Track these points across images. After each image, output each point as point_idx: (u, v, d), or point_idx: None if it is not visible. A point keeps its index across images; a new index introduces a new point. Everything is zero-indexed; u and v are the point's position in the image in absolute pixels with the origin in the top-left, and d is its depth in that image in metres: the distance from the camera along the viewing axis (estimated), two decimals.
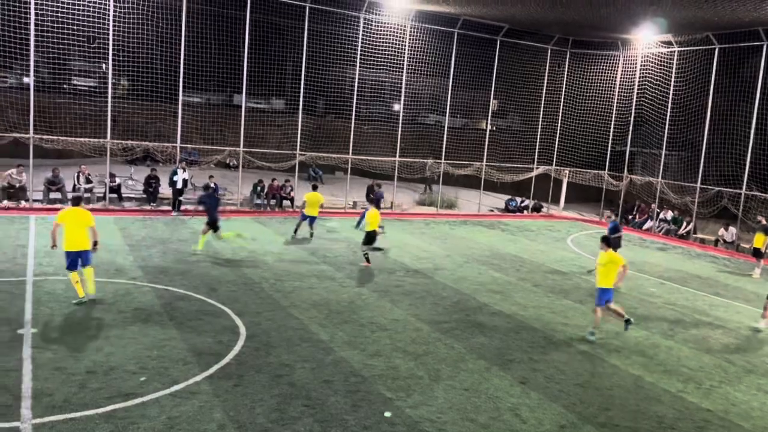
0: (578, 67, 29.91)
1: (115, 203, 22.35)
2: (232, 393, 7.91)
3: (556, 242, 22.66)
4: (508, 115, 33.82)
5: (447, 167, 28.11)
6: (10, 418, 6.81)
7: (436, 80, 28.09)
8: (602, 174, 29.44)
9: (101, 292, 11.65)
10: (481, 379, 9.11)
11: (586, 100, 29.45)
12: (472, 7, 24.44)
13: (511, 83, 29.14)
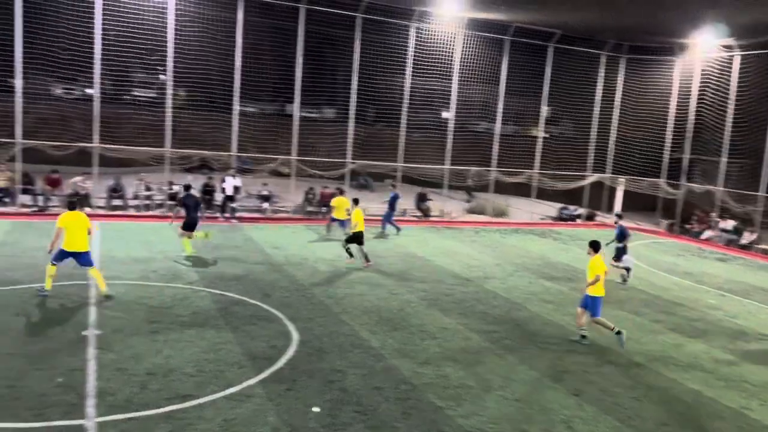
0: (634, 72, 29.25)
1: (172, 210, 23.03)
2: (285, 397, 8.05)
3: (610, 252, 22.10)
4: (560, 122, 33.31)
5: (498, 175, 27.88)
6: (76, 416, 7.12)
7: (486, 87, 27.95)
8: (659, 182, 28.63)
9: (161, 296, 12.06)
10: (532, 390, 8.99)
11: (642, 106, 28.75)
12: (525, 14, 24.27)
13: (563, 90, 28.74)
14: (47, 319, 10.27)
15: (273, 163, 25.34)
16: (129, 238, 17.55)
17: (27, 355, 8.71)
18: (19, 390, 7.63)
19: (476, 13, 25.04)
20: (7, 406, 7.21)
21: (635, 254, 21.93)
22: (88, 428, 6.88)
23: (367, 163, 26.38)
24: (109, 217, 21.03)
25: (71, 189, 21.83)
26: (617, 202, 31.33)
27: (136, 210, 22.59)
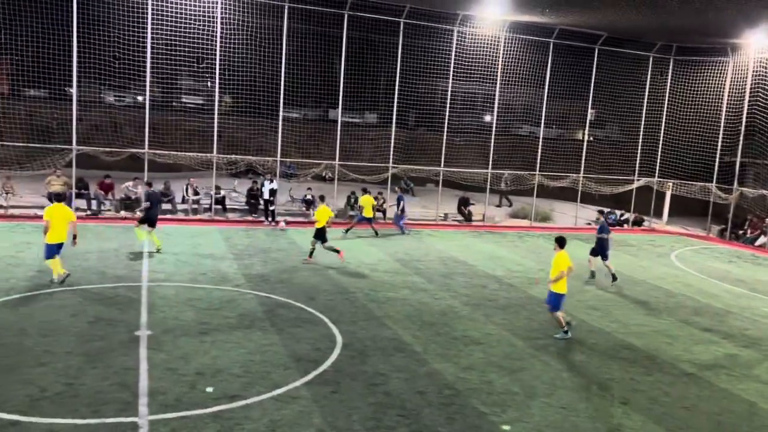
0: (683, 74, 28.49)
1: (219, 214, 23.56)
2: (330, 399, 8.15)
3: (659, 258, 21.64)
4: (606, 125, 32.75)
5: (542, 179, 27.57)
6: (129, 414, 7.37)
7: (530, 90, 27.68)
8: (709, 186, 27.80)
9: (209, 298, 12.37)
10: (579, 397, 8.87)
11: (692, 108, 27.98)
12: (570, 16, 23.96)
13: (609, 92, 28.20)
14: (101, 320, 10.63)
15: (316, 168, 25.64)
16: (178, 242, 18.02)
17: (84, 354, 9.05)
18: (77, 387, 7.94)
19: (519, 17, 24.85)
20: (67, 402, 7.51)
21: (683, 259, 21.40)
22: (141, 426, 7.11)
23: (409, 167, 26.44)
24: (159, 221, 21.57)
25: (122, 194, 22.55)
26: (665, 206, 30.62)
27: (184, 214, 23.15)
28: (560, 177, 28.10)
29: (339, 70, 24.21)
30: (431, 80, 26.10)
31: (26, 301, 11.40)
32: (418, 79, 25.64)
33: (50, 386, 7.92)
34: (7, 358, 8.74)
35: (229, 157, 24.08)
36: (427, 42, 25.23)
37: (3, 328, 9.89)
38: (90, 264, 14.57)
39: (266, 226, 22.20)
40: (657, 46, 27.96)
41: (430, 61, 25.26)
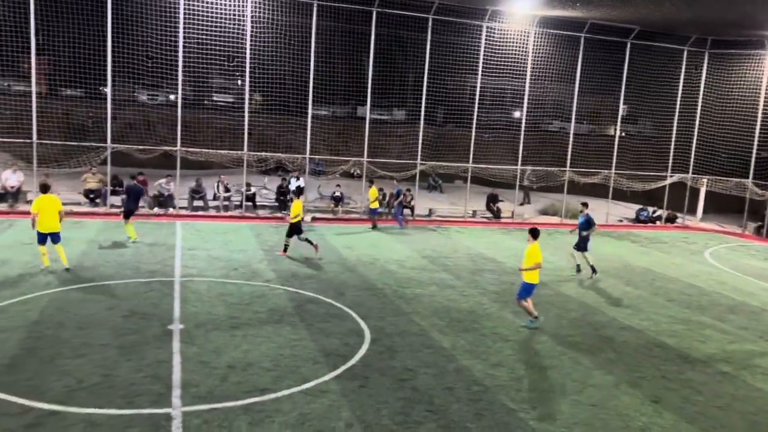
0: (718, 67, 27.87)
1: (250, 210, 23.84)
2: (359, 394, 8.22)
3: (693, 255, 21.24)
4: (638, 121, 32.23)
5: (572, 175, 27.26)
6: (163, 405, 7.54)
7: (560, 86, 27.38)
8: (745, 182, 27.17)
9: (240, 293, 12.55)
10: (609, 395, 8.79)
11: (727, 102, 27.36)
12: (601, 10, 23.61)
13: (642, 87, 27.76)
14: (136, 314, 10.87)
15: (344, 165, 25.76)
16: (209, 238, 18.30)
17: (119, 347, 9.28)
18: (113, 379, 8.15)
19: (550, 11, 24.59)
20: (103, 393, 7.72)
21: (718, 257, 20.97)
22: (174, 417, 7.27)
23: (437, 164, 26.39)
24: (190, 217, 21.98)
25: (156, 191, 22.96)
26: (700, 203, 30.02)
27: (216, 210, 23.49)
28: (591, 173, 27.75)
29: (367, 67, 24.27)
30: (460, 76, 26.00)
31: (63, 295, 11.72)
32: (447, 76, 25.56)
33: (87, 377, 8.14)
34: (46, 349, 9.00)
35: (259, 155, 24.35)
36: (455, 38, 25.13)
37: (41, 321, 10.18)
38: (125, 259, 14.90)
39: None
40: (691, 39, 27.39)
41: (459, 57, 25.16)
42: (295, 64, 23.55)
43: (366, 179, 24.52)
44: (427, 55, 24.50)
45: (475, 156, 26.04)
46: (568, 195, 28.06)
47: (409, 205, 25.49)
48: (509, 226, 25.23)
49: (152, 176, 23.48)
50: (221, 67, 23.57)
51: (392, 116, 32.41)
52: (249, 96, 23.46)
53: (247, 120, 23.21)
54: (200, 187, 23.54)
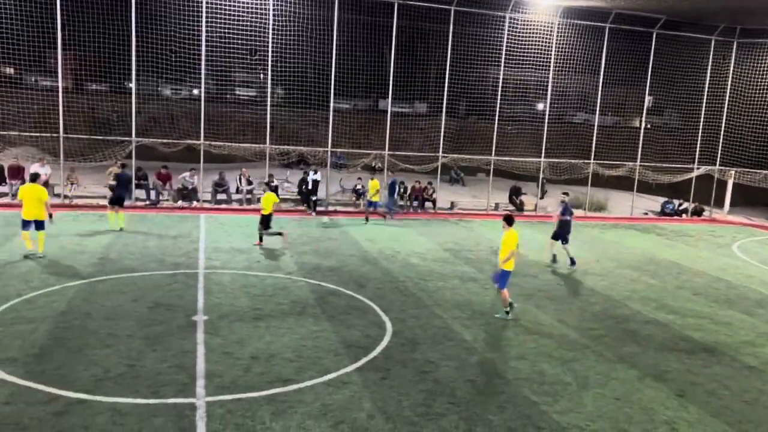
0: (747, 57, 27.29)
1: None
2: (380, 385, 8.24)
3: (720, 248, 20.88)
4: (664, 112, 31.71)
5: (596, 168, 26.94)
6: (187, 395, 7.63)
7: (584, 77, 27.04)
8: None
9: (263, 285, 12.65)
10: (633, 389, 8.69)
11: (757, 92, 26.78)
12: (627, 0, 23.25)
13: (668, 78, 27.29)
14: (161, 305, 11.02)
15: (366, 158, 25.77)
16: (232, 230, 18.46)
17: (144, 337, 9.41)
18: (139, 369, 8.27)
19: (574, 2, 24.26)
20: (129, 383, 7.84)
21: (746, 250, 20.59)
22: (199, 407, 7.35)
23: (459, 157, 26.27)
24: (213, 210, 22.19)
25: (179, 184, 23.21)
26: (727, 195, 29.48)
27: (238, 203, 23.67)
28: (616, 165, 27.41)
29: (389, 60, 24.21)
30: (482, 68, 25.80)
31: (90, 287, 11.92)
32: (469, 68, 25.39)
33: (113, 367, 8.27)
34: (73, 340, 9.17)
35: (281, 148, 24.48)
36: (478, 29, 24.94)
37: (69, 312, 10.37)
38: (149, 252, 15.10)
39: (309, 215, 22.42)
40: (719, 28, 26.84)
41: (482, 49, 24.97)
42: (316, 58, 23.60)
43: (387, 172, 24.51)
44: (449, 47, 24.36)
45: (497, 148, 25.87)
46: (592, 188, 27.76)
47: (430, 198, 25.44)
48: (532, 219, 25.05)
49: (176, 170, 23.74)
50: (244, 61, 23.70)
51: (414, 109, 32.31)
52: (271, 90, 23.56)
53: (269, 114, 23.32)
54: (223, 180, 23.73)
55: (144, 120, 24.65)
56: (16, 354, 8.53)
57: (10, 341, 8.96)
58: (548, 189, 29.28)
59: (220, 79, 25.10)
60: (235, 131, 24.71)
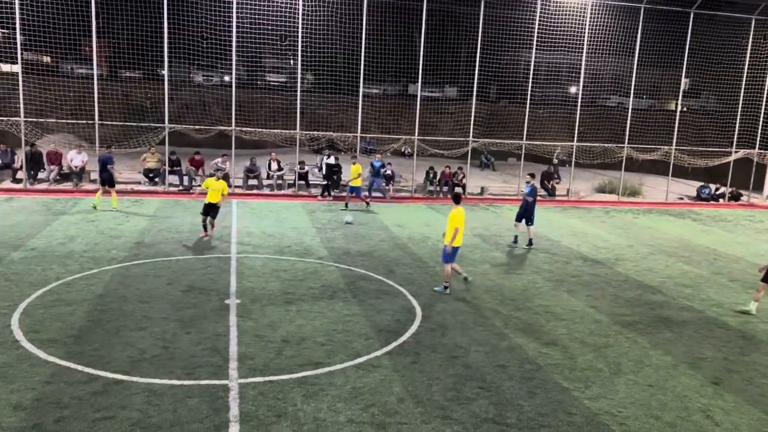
0: None
1: (303, 189, 24.12)
2: (410, 369, 8.27)
3: (758, 234, 20.36)
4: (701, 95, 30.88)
5: (630, 152, 26.44)
6: (221, 377, 7.77)
7: (619, 59, 26.46)
8: None
9: (294, 269, 12.77)
10: (667, 376, 8.57)
11: None
12: None
13: (705, 59, 26.52)
14: (194, 288, 11.21)
15: (395, 144, 25.71)
16: (264, 216, 18.65)
17: (179, 320, 9.60)
18: (173, 351, 8.45)
19: None
20: (164, 364, 8.02)
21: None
22: (232, 388, 7.48)
23: (490, 141, 26.02)
24: (245, 196, 22.42)
25: (212, 170, 23.48)
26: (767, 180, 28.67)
27: (269, 189, 23.88)
28: (651, 149, 26.85)
29: (419, 44, 24.02)
30: (514, 51, 25.44)
31: (126, 270, 12.19)
32: (500, 51, 25.05)
33: (149, 349, 8.47)
34: (111, 322, 9.40)
35: (311, 134, 24.56)
36: (509, 12, 24.56)
37: (106, 295, 10.63)
38: (183, 236, 15.35)
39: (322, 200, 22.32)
40: (760, 7, 25.93)
41: (513, 32, 24.59)
42: (346, 43, 23.54)
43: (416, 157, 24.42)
44: (480, 31, 24.05)
45: (529, 132, 25.54)
46: (626, 172, 27.26)
47: (460, 183, 25.29)
48: (564, 204, 24.74)
49: (208, 156, 24.02)
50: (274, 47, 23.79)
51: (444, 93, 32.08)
52: (301, 75, 23.61)
53: (299, 99, 23.39)
54: (254, 166, 23.94)
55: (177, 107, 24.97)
56: (56, 335, 8.78)
57: (51, 323, 9.23)
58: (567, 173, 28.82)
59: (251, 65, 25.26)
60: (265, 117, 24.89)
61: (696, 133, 27.18)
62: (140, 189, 22.26)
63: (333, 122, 26.78)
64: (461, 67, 27.28)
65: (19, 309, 9.75)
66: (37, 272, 11.72)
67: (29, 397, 7.01)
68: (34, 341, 8.53)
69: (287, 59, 25.45)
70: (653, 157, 27.06)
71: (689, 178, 30.43)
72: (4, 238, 14.14)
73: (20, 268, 11.89)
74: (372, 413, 7.05)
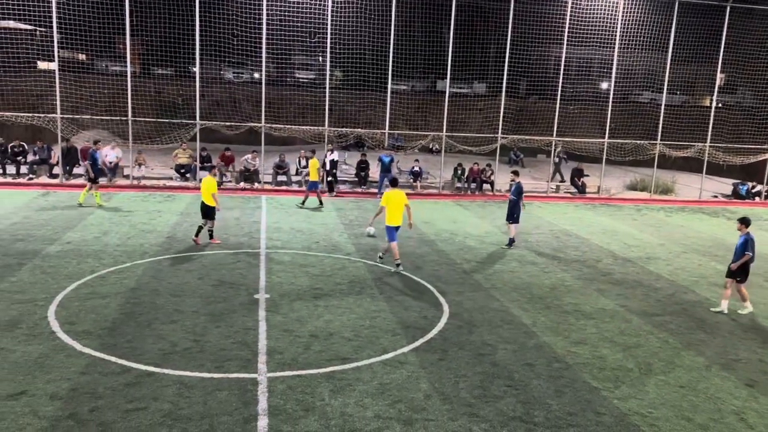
0: None
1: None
2: (437, 366, 8.27)
3: None
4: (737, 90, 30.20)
5: (663, 149, 25.96)
6: (250, 370, 7.88)
7: (651, 55, 25.98)
8: None
9: (322, 265, 12.86)
10: (699, 377, 8.42)
11: None
12: None
13: (742, 54, 25.87)
14: (224, 283, 11.37)
15: (423, 140, 25.66)
16: (292, 212, 18.79)
17: (209, 314, 9.75)
18: (203, 344, 8.58)
19: None
20: (195, 357, 8.15)
21: None
22: (261, 382, 7.58)
23: (519, 137, 25.80)
24: (274, 192, 22.62)
25: (242, 166, 23.75)
26: None
27: (298, 185, 24.04)
28: (684, 146, 26.33)
29: (448, 40, 23.91)
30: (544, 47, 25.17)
31: (158, 264, 12.41)
32: (530, 46, 24.80)
33: (180, 342, 8.62)
34: (143, 315, 9.59)
35: (339, 130, 24.65)
36: (539, 7, 24.30)
37: (138, 288, 10.84)
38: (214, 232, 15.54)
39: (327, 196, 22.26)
40: None
41: (543, 27, 24.31)
42: (375, 39, 23.56)
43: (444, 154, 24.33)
44: (510, 26, 23.83)
45: (559, 129, 25.26)
46: (659, 169, 26.79)
47: (489, 180, 25.14)
48: (595, 202, 24.42)
49: (238, 152, 24.29)
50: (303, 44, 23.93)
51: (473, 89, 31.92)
52: (330, 72, 23.71)
53: (327, 96, 23.49)
54: (284, 162, 24.13)
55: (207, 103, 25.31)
56: (91, 327, 9.00)
57: (86, 315, 9.45)
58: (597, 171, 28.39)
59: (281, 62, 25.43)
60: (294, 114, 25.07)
61: (731, 129, 26.57)
62: (172, 184, 22.61)
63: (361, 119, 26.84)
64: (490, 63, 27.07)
65: (56, 301, 10.01)
66: (73, 265, 12.00)
67: (65, 387, 7.19)
68: (70, 333, 8.75)
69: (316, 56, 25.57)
70: (686, 154, 26.54)
71: (724, 176, 29.76)
72: (41, 232, 14.52)
73: (56, 262, 12.20)
74: (399, 409, 7.08)
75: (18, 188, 20.64)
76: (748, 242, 11.00)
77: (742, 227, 11.16)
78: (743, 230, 11.11)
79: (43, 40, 22.55)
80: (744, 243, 11.01)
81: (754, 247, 11.08)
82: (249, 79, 29.78)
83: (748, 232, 11.07)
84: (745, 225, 11.13)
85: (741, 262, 11.02)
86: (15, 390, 7.07)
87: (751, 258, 11.04)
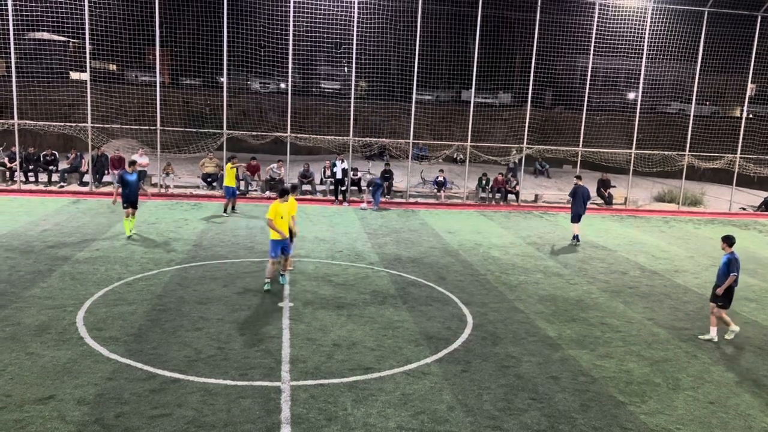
0: None
1: (355, 195, 24.31)
2: (461, 378, 8.21)
3: None
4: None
5: (692, 160, 25.56)
6: (273, 378, 7.91)
7: (680, 65, 25.65)
8: None
9: (345, 274, 12.88)
10: (729, 393, 8.23)
11: None
12: None
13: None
14: (249, 291, 11.45)
15: (447, 150, 25.62)
16: (316, 221, 18.88)
17: (233, 322, 9.83)
18: (227, 352, 8.65)
19: None
20: (219, 364, 8.21)
21: None
22: (284, 390, 7.60)
23: (544, 148, 25.62)
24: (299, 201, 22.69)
25: (267, 175, 23.96)
26: None
27: (322, 194, 24.17)
28: (713, 158, 25.89)
29: (473, 50, 23.90)
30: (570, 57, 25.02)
31: (185, 272, 12.55)
32: (556, 56, 24.68)
33: (204, 349, 8.69)
34: (169, 322, 9.70)
35: (364, 140, 24.75)
36: (566, 17, 24.19)
37: (165, 295, 10.97)
38: (239, 240, 15.70)
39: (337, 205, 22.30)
40: None
41: (569, 37, 24.18)
42: (400, 50, 23.66)
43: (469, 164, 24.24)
44: (536, 36, 23.75)
45: (585, 139, 25.03)
46: (687, 181, 26.37)
47: (513, 190, 24.99)
48: (621, 213, 24.12)
49: (264, 161, 24.51)
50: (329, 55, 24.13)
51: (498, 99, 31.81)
52: (355, 82, 23.84)
53: (353, 106, 23.61)
54: (308, 171, 24.29)
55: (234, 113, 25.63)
56: (118, 333, 9.12)
57: (113, 321, 9.59)
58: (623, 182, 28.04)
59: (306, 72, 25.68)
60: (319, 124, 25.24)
61: (762, 140, 26.06)
62: (198, 193, 22.89)
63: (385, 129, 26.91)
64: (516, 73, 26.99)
65: (84, 307, 10.18)
66: (101, 272, 12.20)
67: (92, 392, 7.30)
68: (97, 338, 8.88)
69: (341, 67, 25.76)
70: (716, 166, 26.10)
71: (754, 188, 29.19)
72: (71, 239, 14.80)
73: (85, 268, 12.41)
74: (421, 420, 7.04)
75: (49, 195, 21.10)
76: (731, 262, 10.09)
77: (725, 246, 10.30)
78: (727, 249, 10.25)
79: (76, 50, 23.09)
80: (727, 263, 10.11)
81: (739, 267, 10.14)
82: (275, 89, 30.10)
83: (732, 252, 10.20)
84: (729, 244, 10.26)
85: (727, 284, 10.09)
86: (44, 394, 7.19)
87: (735, 279, 10.10)
